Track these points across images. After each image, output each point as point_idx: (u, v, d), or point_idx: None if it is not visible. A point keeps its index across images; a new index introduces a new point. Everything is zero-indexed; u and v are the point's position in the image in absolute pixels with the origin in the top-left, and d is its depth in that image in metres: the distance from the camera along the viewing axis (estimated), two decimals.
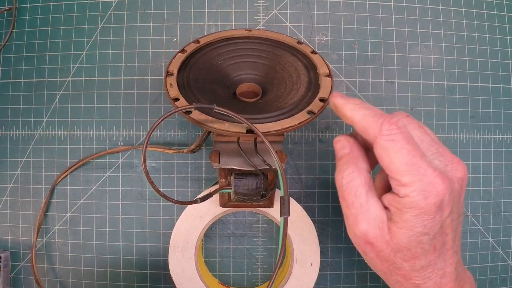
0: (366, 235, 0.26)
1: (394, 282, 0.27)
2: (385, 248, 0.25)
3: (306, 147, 0.39)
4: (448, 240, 0.26)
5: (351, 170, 0.27)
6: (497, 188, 0.39)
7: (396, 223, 0.25)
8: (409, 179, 0.24)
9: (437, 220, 0.24)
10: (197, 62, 0.33)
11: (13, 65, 0.40)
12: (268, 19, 0.40)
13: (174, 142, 0.39)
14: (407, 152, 0.24)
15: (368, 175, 0.27)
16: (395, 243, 0.25)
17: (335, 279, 0.38)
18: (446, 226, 0.25)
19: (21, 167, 0.39)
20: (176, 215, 0.38)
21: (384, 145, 0.24)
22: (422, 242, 0.25)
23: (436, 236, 0.25)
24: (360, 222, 0.26)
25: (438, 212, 0.24)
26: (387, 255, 0.26)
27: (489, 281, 0.39)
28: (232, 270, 0.38)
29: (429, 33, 0.40)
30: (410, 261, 0.25)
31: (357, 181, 0.26)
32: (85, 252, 0.38)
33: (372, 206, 0.26)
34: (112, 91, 0.39)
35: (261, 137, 0.26)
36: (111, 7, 0.40)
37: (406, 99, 0.39)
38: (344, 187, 0.27)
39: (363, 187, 0.26)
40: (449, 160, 0.26)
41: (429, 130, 0.28)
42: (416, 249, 0.25)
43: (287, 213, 0.26)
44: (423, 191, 0.24)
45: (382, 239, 0.25)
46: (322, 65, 0.32)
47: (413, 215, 0.24)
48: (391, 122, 0.24)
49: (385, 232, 0.25)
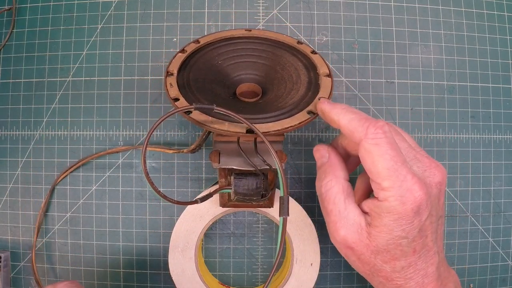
0: (346, 240, 0.27)
1: (378, 283, 0.28)
2: (365, 251, 0.26)
3: (306, 147, 0.39)
4: (428, 242, 0.26)
5: (329, 178, 0.28)
6: (497, 188, 0.39)
7: (376, 227, 0.26)
8: (389, 183, 0.25)
9: (415, 224, 0.25)
10: (197, 62, 0.33)
11: (13, 65, 0.40)
12: (268, 19, 0.40)
13: (174, 142, 0.39)
14: (390, 158, 0.25)
15: (346, 183, 0.28)
16: (375, 246, 0.26)
17: (335, 279, 0.38)
18: (425, 229, 0.26)
19: (21, 167, 0.39)
20: (176, 215, 0.38)
21: (368, 148, 0.25)
22: (401, 245, 0.26)
23: (415, 239, 0.26)
24: (339, 228, 0.27)
25: (416, 217, 0.25)
26: (368, 258, 0.27)
27: (489, 281, 0.39)
28: (232, 270, 0.38)
29: (429, 33, 0.40)
30: (390, 263, 0.26)
31: (335, 189, 0.28)
32: (85, 252, 0.38)
33: (350, 213, 0.27)
34: (112, 91, 0.39)
35: (261, 137, 0.26)
36: (111, 7, 0.40)
37: (406, 99, 0.39)
38: (323, 195, 0.28)
39: (341, 195, 0.27)
40: (427, 166, 0.27)
41: (408, 136, 0.29)
42: (395, 251, 0.26)
43: (286, 213, 0.26)
44: (401, 197, 0.25)
45: (361, 243, 0.26)
46: (322, 65, 0.32)
47: (392, 219, 0.25)
48: (377, 126, 0.25)
49: (364, 237, 0.26)
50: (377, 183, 0.25)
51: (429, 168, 0.27)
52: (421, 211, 0.25)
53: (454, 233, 0.39)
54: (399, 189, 0.25)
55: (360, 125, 0.26)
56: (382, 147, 0.25)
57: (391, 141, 0.25)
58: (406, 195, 0.25)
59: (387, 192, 0.25)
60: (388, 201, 0.25)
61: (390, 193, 0.25)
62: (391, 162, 0.25)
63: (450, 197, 0.39)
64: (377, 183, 0.25)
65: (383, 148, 0.25)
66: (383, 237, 0.25)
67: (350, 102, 0.39)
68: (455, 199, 0.39)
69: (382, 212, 0.25)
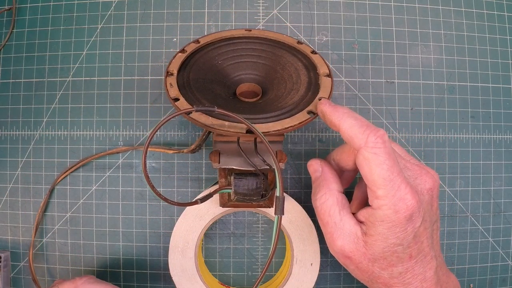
0: (343, 250, 0.27)
1: None
2: (362, 260, 0.27)
3: (306, 147, 0.39)
4: (424, 247, 0.27)
5: (324, 192, 0.29)
6: (497, 188, 0.39)
7: (371, 236, 0.26)
8: (383, 192, 0.25)
9: (409, 231, 0.26)
10: (197, 62, 0.33)
11: (13, 65, 0.40)
12: (268, 19, 0.40)
13: (174, 142, 0.39)
14: (387, 168, 0.25)
15: (340, 195, 0.29)
16: (371, 254, 0.27)
17: (335, 279, 0.38)
18: (419, 234, 0.27)
19: (21, 167, 0.39)
20: (176, 215, 0.38)
21: (367, 157, 0.26)
22: (396, 251, 0.26)
23: (410, 245, 0.26)
24: (336, 239, 0.28)
25: (409, 224, 0.26)
26: (365, 266, 0.27)
27: (489, 281, 0.39)
28: (232, 270, 0.38)
29: (429, 33, 0.40)
30: (387, 269, 0.27)
31: (329, 202, 0.28)
32: (85, 252, 0.38)
33: (346, 223, 0.28)
34: (112, 91, 0.39)
35: (261, 138, 0.26)
36: (111, 7, 0.40)
37: (406, 99, 0.39)
38: (319, 208, 0.29)
39: (336, 206, 0.28)
40: (417, 173, 0.28)
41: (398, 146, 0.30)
42: (392, 258, 0.26)
43: (281, 212, 0.26)
44: (394, 206, 0.25)
45: (358, 252, 0.27)
46: (322, 65, 0.32)
47: (385, 228, 0.26)
48: (377, 135, 0.26)
49: (360, 245, 0.27)
50: (372, 190, 0.26)
51: (420, 176, 0.28)
52: (414, 218, 0.26)
53: (454, 233, 0.39)
54: (392, 198, 0.25)
55: (360, 132, 0.26)
56: (381, 157, 0.25)
57: (389, 151, 0.26)
58: (399, 204, 0.25)
59: (381, 200, 0.26)
60: (381, 210, 0.26)
61: (383, 202, 0.25)
62: (387, 172, 0.25)
63: (450, 197, 0.39)
64: (372, 191, 0.26)
65: (381, 157, 0.25)
66: (378, 245, 0.26)
67: (350, 102, 0.39)
68: (455, 199, 0.39)
69: (376, 220, 0.26)
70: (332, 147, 0.39)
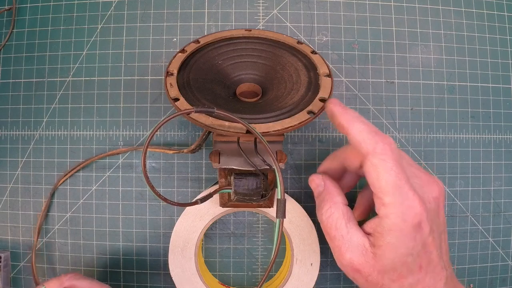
0: (352, 264, 0.27)
1: None
2: (372, 272, 0.26)
3: (306, 147, 0.39)
4: (433, 258, 0.27)
5: (329, 205, 0.28)
6: (497, 188, 0.39)
7: (380, 247, 0.26)
8: (391, 200, 0.25)
9: (418, 240, 0.25)
10: (197, 62, 0.33)
11: (13, 65, 0.40)
12: (268, 19, 0.40)
13: (174, 142, 0.39)
14: (395, 175, 0.25)
15: (345, 207, 0.28)
16: (381, 265, 0.26)
17: (335, 279, 0.38)
18: (428, 244, 0.26)
19: (21, 167, 0.39)
20: (176, 215, 0.38)
21: (375, 163, 0.25)
22: (406, 262, 0.26)
23: (420, 255, 0.26)
24: (344, 252, 0.27)
25: (418, 232, 0.25)
26: (375, 278, 0.27)
27: (489, 281, 0.39)
28: (232, 270, 0.38)
29: (429, 33, 0.40)
30: (397, 281, 0.26)
31: (335, 215, 0.28)
32: (85, 252, 0.38)
33: (353, 236, 0.27)
34: (112, 91, 0.39)
35: (260, 139, 0.26)
36: (111, 7, 0.40)
37: (406, 99, 0.39)
38: (325, 222, 0.28)
39: (342, 219, 0.28)
40: (424, 182, 0.28)
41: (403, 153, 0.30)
42: (402, 269, 0.26)
43: (283, 215, 0.26)
44: (402, 214, 0.25)
45: (367, 264, 0.26)
46: (322, 65, 0.32)
47: (394, 237, 0.25)
48: (386, 143, 0.26)
49: (369, 258, 0.26)
50: (379, 197, 0.26)
51: (427, 184, 0.28)
52: (422, 226, 0.25)
53: (454, 233, 0.39)
54: (400, 206, 0.25)
55: (369, 138, 0.26)
56: (388, 163, 0.25)
57: (397, 158, 0.25)
58: (407, 212, 0.25)
59: (389, 208, 0.25)
60: (389, 218, 0.25)
61: (391, 210, 0.25)
62: (395, 179, 0.25)
63: (450, 197, 0.39)
64: (379, 198, 0.26)
65: (389, 164, 0.25)
66: (388, 256, 0.26)
67: (350, 102, 0.39)
68: (455, 199, 0.39)
69: (384, 230, 0.25)
70: (332, 147, 0.39)
